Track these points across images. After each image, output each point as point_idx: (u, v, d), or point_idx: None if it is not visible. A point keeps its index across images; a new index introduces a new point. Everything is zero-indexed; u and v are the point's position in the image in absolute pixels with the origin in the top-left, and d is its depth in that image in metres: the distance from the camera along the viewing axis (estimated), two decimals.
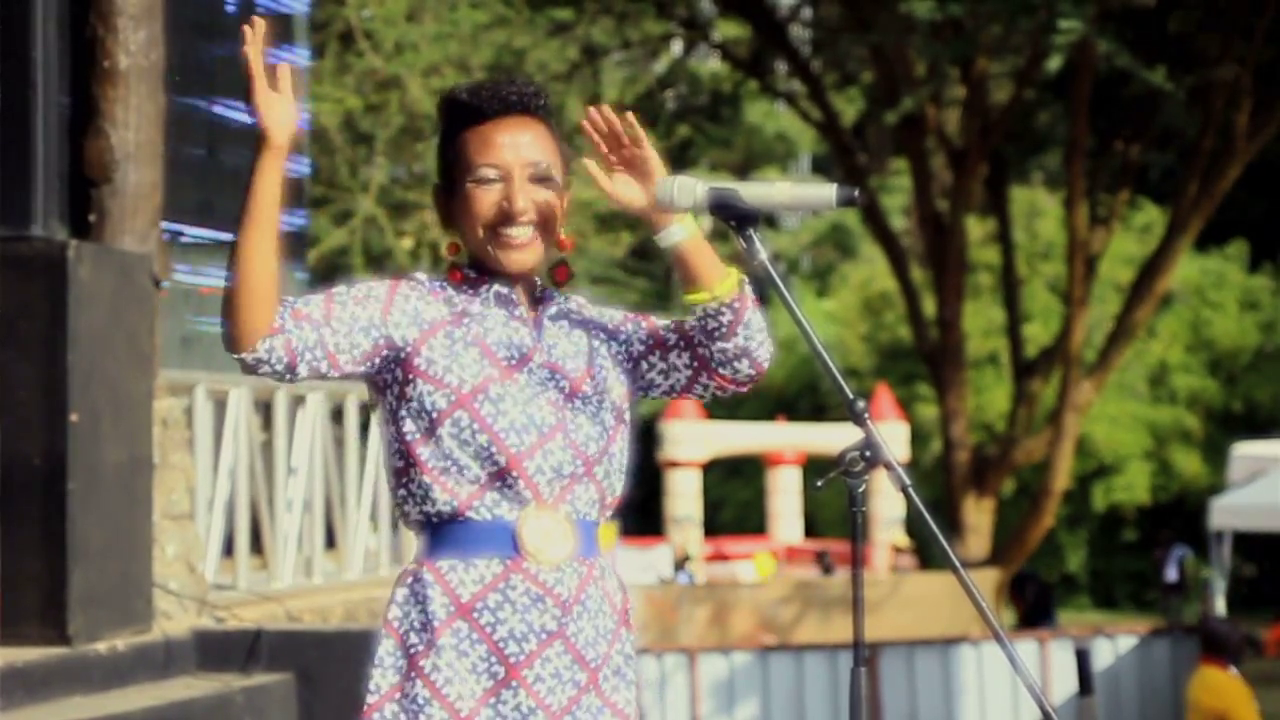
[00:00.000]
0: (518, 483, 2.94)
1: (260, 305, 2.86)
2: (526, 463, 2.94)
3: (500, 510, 2.95)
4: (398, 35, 20.22)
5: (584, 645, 2.97)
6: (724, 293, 2.97)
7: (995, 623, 2.86)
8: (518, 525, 2.95)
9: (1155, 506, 32.23)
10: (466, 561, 2.95)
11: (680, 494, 25.98)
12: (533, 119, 3.07)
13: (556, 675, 2.94)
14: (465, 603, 2.93)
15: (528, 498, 2.95)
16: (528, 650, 2.93)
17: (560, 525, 2.96)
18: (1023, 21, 18.88)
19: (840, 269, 41.39)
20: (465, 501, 2.95)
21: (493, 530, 2.95)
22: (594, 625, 2.99)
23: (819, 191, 3.00)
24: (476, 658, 2.92)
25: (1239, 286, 32.57)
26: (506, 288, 3.04)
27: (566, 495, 2.98)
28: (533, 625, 2.94)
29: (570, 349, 3.05)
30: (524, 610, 2.94)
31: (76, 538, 6.03)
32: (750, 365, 3.03)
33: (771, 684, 16.41)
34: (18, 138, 6.59)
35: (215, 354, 8.37)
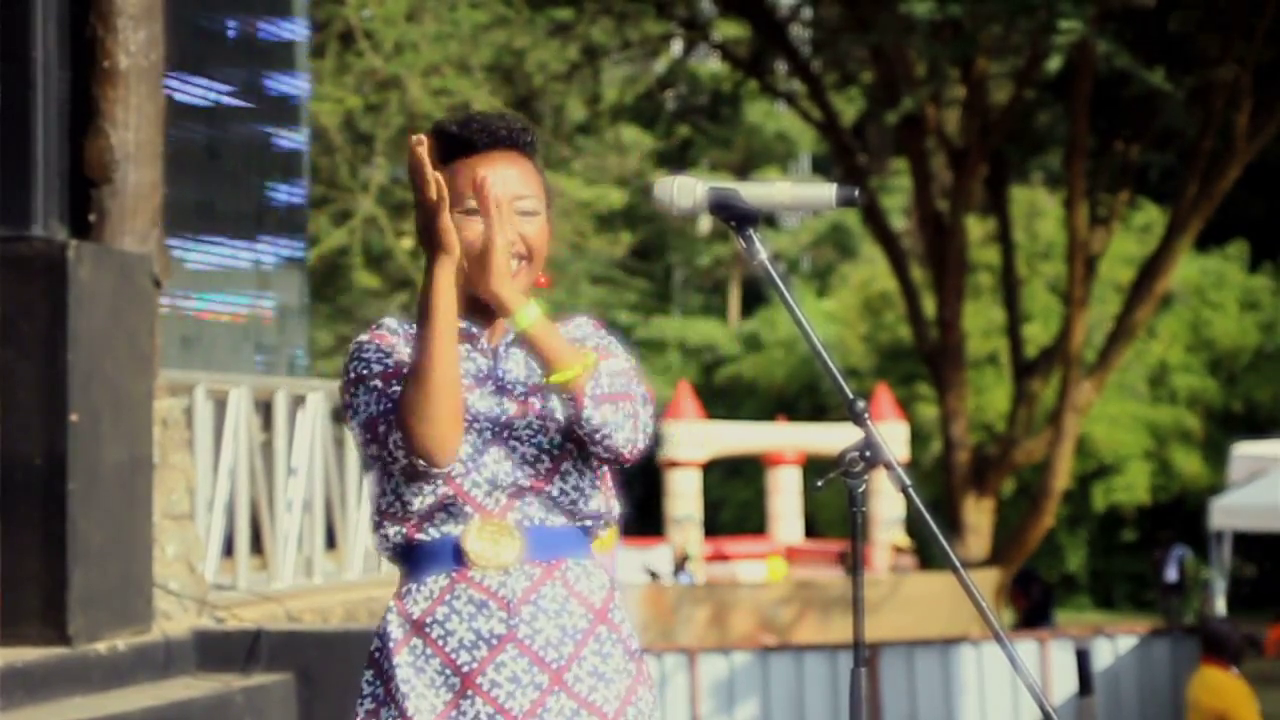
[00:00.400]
0: (456, 500, 2.99)
1: (458, 417, 2.93)
2: (461, 481, 2.99)
3: (447, 527, 3.00)
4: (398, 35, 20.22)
5: (542, 646, 2.97)
6: (560, 382, 2.95)
7: (995, 623, 2.86)
8: (461, 538, 2.99)
9: (1155, 507, 32.23)
10: (419, 582, 3.01)
11: (680, 494, 25.99)
12: (520, 154, 3.09)
13: (514, 679, 2.95)
14: (417, 619, 2.99)
15: (470, 513, 2.99)
16: (479, 657, 2.96)
17: (505, 531, 2.99)
18: (1022, 22, 18.88)
19: (840, 269, 41.39)
20: (414, 527, 3.01)
21: (440, 547, 3.00)
22: (556, 625, 2.99)
23: (819, 191, 3.00)
24: (433, 671, 2.97)
25: (1239, 286, 32.57)
26: (467, 323, 3.06)
27: (513, 504, 3.01)
28: (480, 631, 2.96)
29: (523, 374, 3.07)
30: (470, 618, 2.97)
31: (77, 538, 6.03)
32: (605, 450, 2.98)
33: (771, 684, 16.42)
34: (18, 138, 6.59)
35: (215, 354, 8.38)
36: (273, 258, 9.23)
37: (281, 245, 9.25)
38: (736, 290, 44.61)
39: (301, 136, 9.52)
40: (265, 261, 9.18)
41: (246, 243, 8.93)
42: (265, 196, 9.24)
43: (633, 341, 40.52)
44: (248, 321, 8.96)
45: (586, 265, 36.58)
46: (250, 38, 9.15)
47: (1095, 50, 18.94)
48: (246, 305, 8.96)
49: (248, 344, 8.91)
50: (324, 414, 8.75)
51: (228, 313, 8.77)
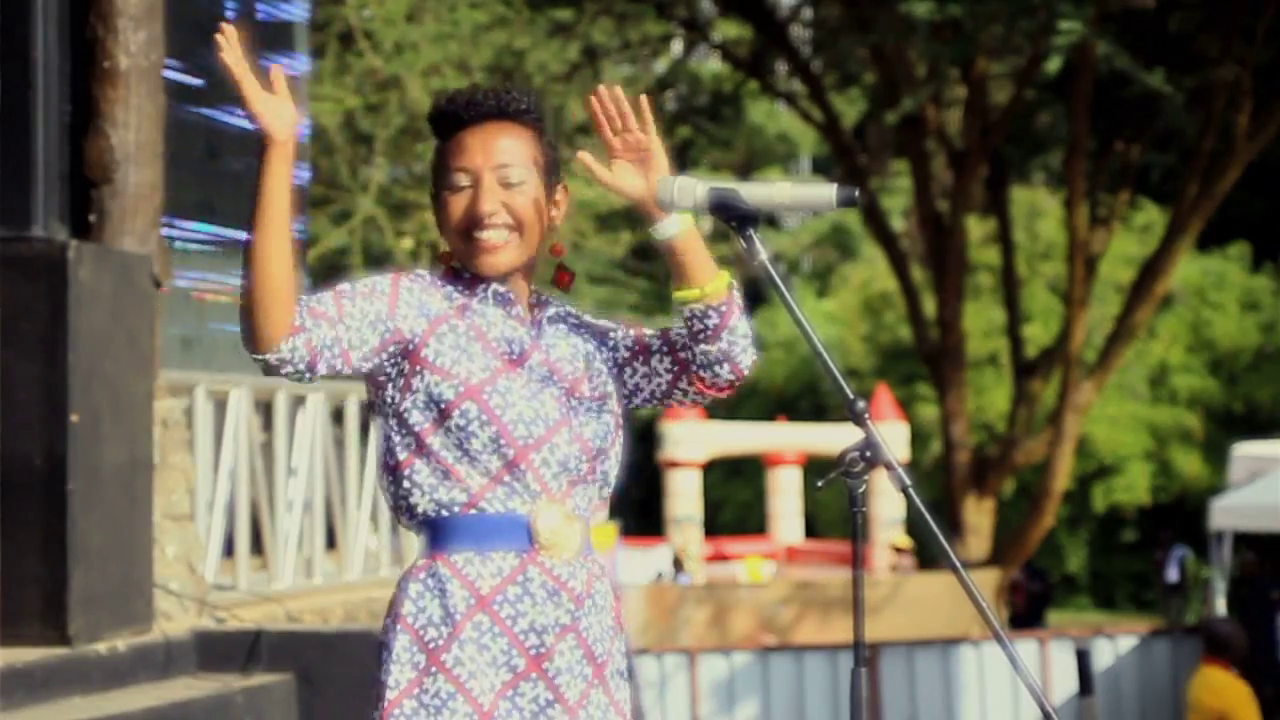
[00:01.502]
0: (525, 475, 2.95)
1: (280, 305, 2.86)
2: (534, 455, 2.95)
3: (513, 504, 2.96)
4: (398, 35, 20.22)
5: (594, 640, 2.99)
6: (712, 293, 2.97)
7: (995, 623, 2.86)
8: (532, 518, 2.96)
9: (1155, 507, 32.23)
10: (482, 554, 2.95)
11: (680, 494, 25.99)
12: (511, 123, 3.06)
13: (571, 669, 2.96)
14: (485, 595, 2.93)
15: (537, 491, 2.96)
16: (548, 643, 2.94)
17: (570, 520, 2.98)
18: (1023, 22, 18.88)
19: (841, 269, 41.40)
20: (477, 494, 2.95)
21: (507, 523, 2.95)
22: (600, 622, 3.01)
23: (819, 192, 3.00)
24: (498, 650, 2.93)
25: (1239, 287, 32.57)
26: (504, 288, 3.05)
27: (571, 492, 3.00)
28: (551, 618, 2.95)
29: (568, 351, 3.06)
30: (542, 603, 2.95)
31: (77, 538, 6.02)
32: (730, 370, 3.02)
33: (772, 684, 16.41)
34: (18, 138, 6.58)
35: (215, 354, 8.37)
36: None
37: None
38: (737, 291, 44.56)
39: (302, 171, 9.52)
40: None
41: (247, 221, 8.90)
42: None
43: None
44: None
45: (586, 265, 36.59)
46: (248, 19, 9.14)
47: (1095, 51, 18.93)
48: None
49: None
50: (324, 414, 8.75)
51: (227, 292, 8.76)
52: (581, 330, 3.12)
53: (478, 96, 3.06)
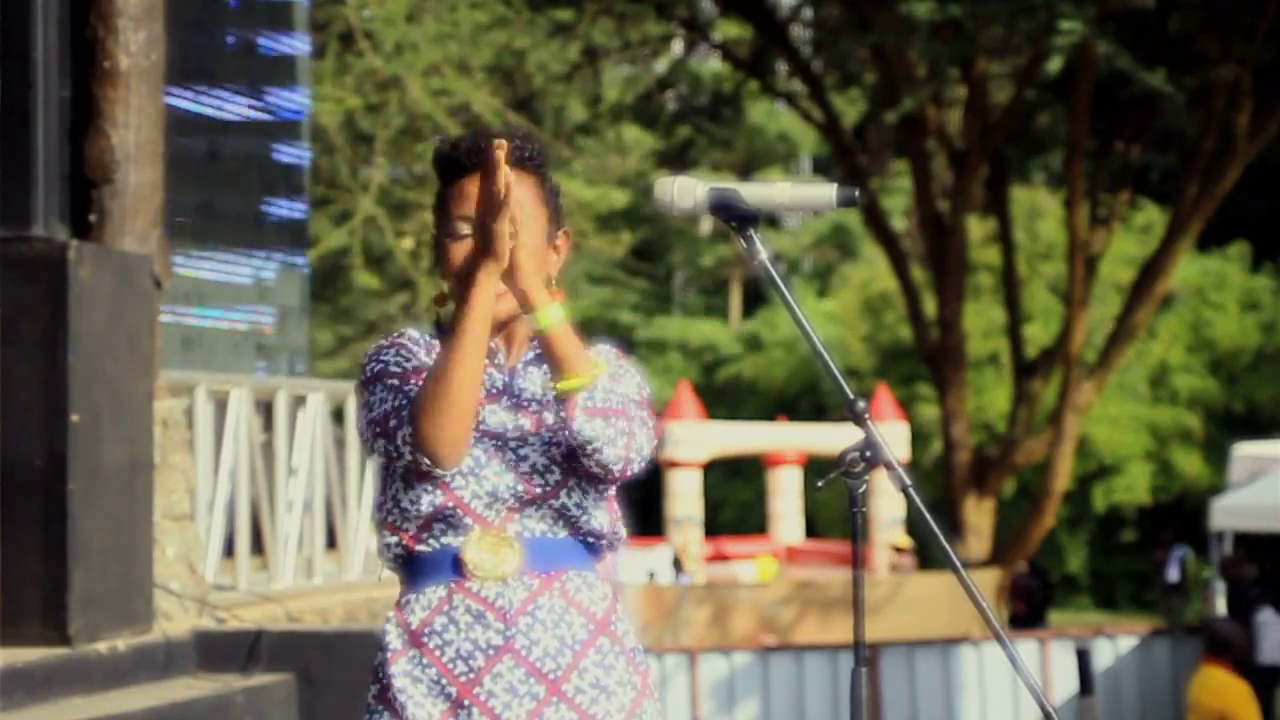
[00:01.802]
0: (456, 512, 2.98)
1: (470, 422, 2.92)
2: (461, 492, 2.98)
3: (447, 539, 3.00)
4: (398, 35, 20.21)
5: (539, 657, 2.96)
6: (561, 390, 2.93)
7: (995, 623, 2.86)
8: (461, 549, 2.99)
9: (1156, 507, 32.24)
10: (418, 592, 3.01)
11: (681, 494, 25.99)
12: (513, 171, 3.01)
13: (511, 690, 2.94)
14: (415, 629, 2.99)
15: (470, 524, 2.99)
16: (476, 667, 2.95)
17: (505, 542, 2.99)
18: (1023, 22, 18.88)
19: (841, 269, 41.40)
20: (413, 537, 3.01)
21: (439, 558, 3.00)
22: (554, 636, 2.98)
23: (819, 192, 3.00)
24: (429, 681, 2.97)
25: (1240, 287, 32.58)
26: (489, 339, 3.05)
27: (514, 517, 3.00)
28: (478, 642, 2.96)
29: (539, 391, 3.06)
30: (467, 628, 2.96)
31: (77, 538, 6.02)
32: (595, 464, 2.95)
33: (772, 684, 16.41)
34: (18, 138, 6.58)
35: (215, 354, 8.38)
36: (273, 271, 9.23)
37: (282, 259, 9.25)
38: (737, 291, 44.62)
39: (302, 150, 9.52)
40: (265, 275, 9.18)
41: (247, 256, 8.93)
42: (266, 210, 9.25)
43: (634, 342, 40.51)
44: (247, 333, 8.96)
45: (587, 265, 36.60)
46: (250, 52, 9.14)
47: (1096, 51, 18.94)
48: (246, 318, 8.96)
49: (248, 345, 8.91)
50: (324, 414, 8.75)
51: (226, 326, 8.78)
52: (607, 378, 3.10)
53: (481, 144, 3.03)
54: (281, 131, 9.31)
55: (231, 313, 8.82)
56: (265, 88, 9.16)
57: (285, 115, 9.41)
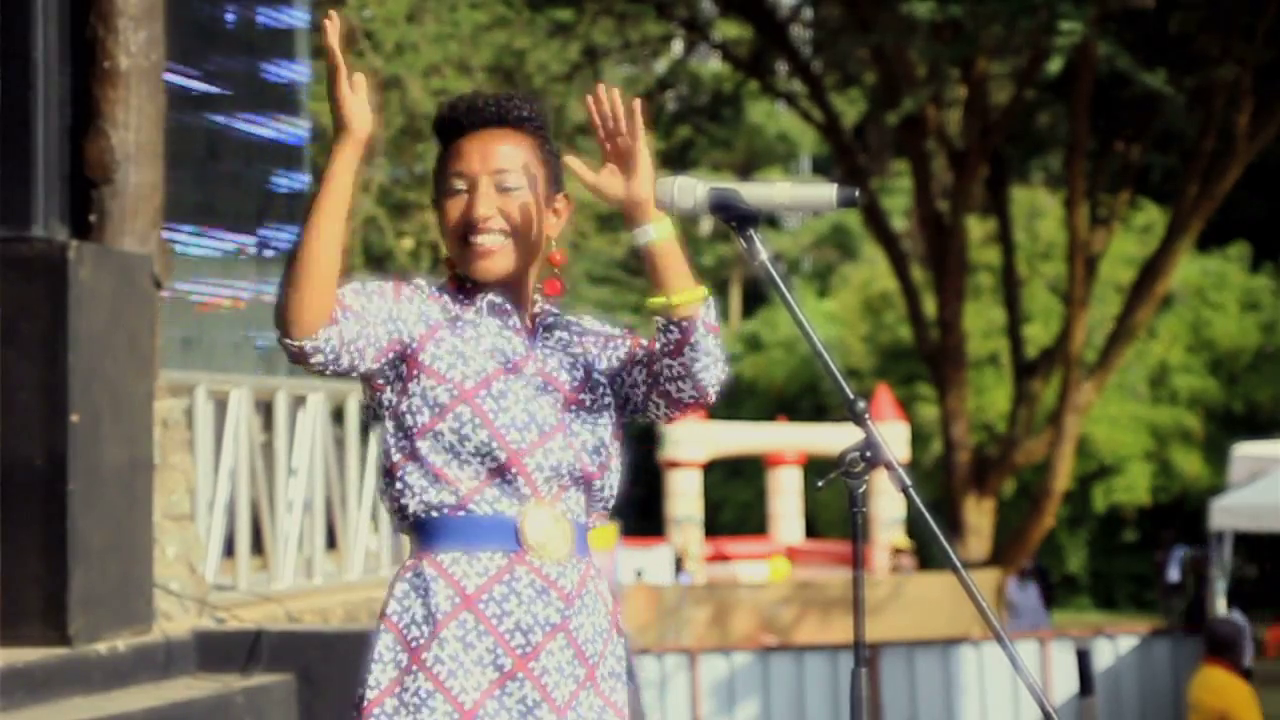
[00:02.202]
0: (517, 479, 2.96)
1: (324, 293, 2.88)
2: (526, 460, 2.96)
3: (501, 505, 2.96)
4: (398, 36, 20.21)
5: (584, 641, 2.98)
6: (679, 304, 2.95)
7: (995, 623, 2.86)
8: (520, 520, 2.96)
9: (1156, 507, 32.23)
10: (470, 554, 2.96)
11: (681, 494, 25.98)
12: (511, 130, 3.07)
13: (560, 669, 2.95)
14: (471, 594, 2.94)
15: (527, 494, 2.97)
16: (534, 642, 2.94)
17: (560, 522, 2.98)
18: (1023, 22, 18.87)
19: (841, 270, 41.40)
20: (467, 495, 2.96)
21: (495, 524, 2.96)
22: (593, 623, 3.01)
23: (819, 192, 3.00)
24: (483, 649, 2.93)
25: (1240, 287, 32.57)
26: (500, 298, 3.05)
27: (562, 495, 3.00)
28: (538, 617, 2.95)
29: (565, 361, 3.07)
30: (529, 602, 2.95)
31: (77, 538, 6.02)
32: (692, 388, 2.98)
33: (772, 684, 16.41)
34: (18, 138, 6.58)
35: (216, 355, 8.38)
36: (275, 246, 9.22)
37: (284, 233, 9.23)
38: (737, 291, 44.62)
39: (303, 124, 9.50)
40: (267, 250, 9.17)
41: (248, 229, 8.91)
42: (267, 184, 9.23)
43: None
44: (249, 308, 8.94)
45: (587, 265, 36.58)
46: (249, 25, 9.13)
47: (1096, 51, 18.94)
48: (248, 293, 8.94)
49: (248, 344, 8.91)
50: (324, 414, 8.75)
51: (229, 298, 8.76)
52: (583, 340, 3.13)
53: (479, 103, 3.07)
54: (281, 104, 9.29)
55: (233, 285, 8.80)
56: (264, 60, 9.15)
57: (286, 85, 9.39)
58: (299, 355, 2.90)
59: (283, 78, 9.39)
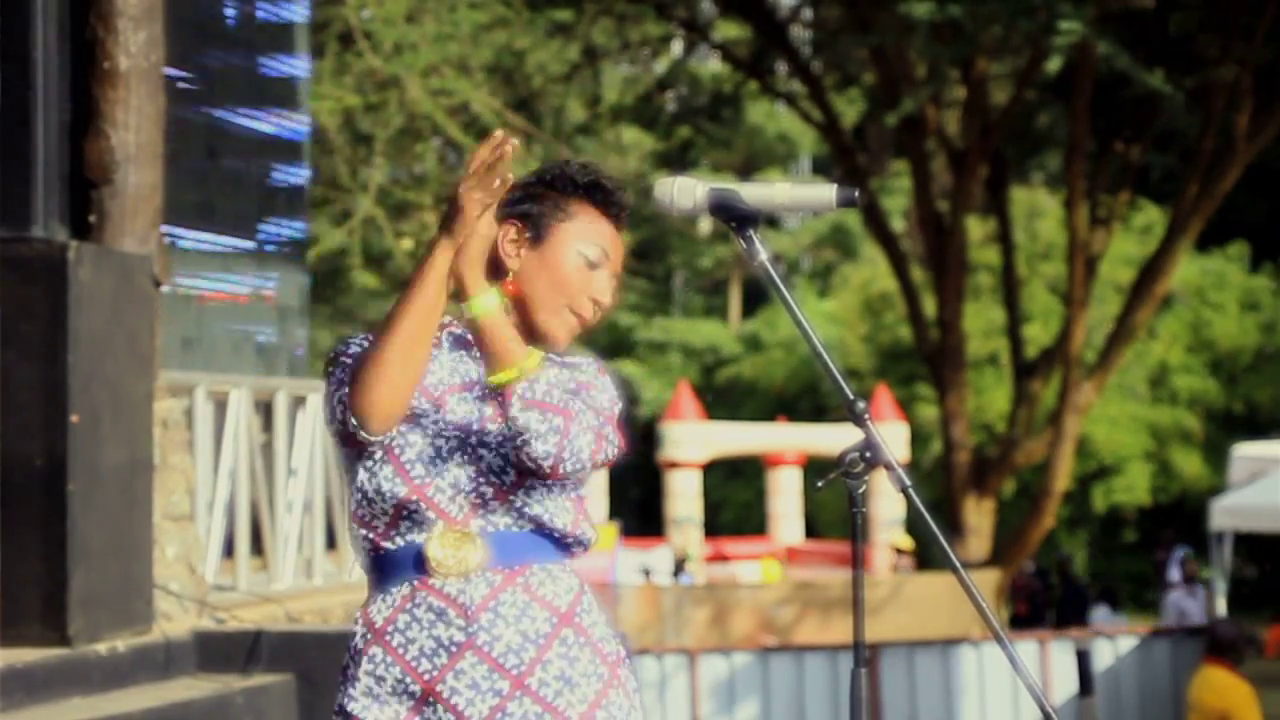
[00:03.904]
0: (420, 507, 2.98)
1: (407, 396, 2.93)
2: (425, 485, 2.99)
3: (411, 535, 3.01)
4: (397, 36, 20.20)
5: (501, 653, 2.96)
6: (492, 383, 2.94)
7: (995, 623, 2.86)
8: (425, 545, 2.99)
9: (1156, 507, 32.23)
10: (384, 591, 3.03)
11: (680, 495, 26.00)
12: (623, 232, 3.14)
13: (474, 686, 2.95)
14: (379, 628, 3.01)
15: (433, 519, 2.99)
16: (439, 665, 2.96)
17: (467, 538, 2.98)
18: (1022, 23, 18.87)
19: (841, 270, 41.42)
20: (381, 534, 3.02)
21: (404, 555, 3.01)
22: (516, 631, 2.98)
23: (819, 192, 3.00)
24: (393, 680, 2.99)
25: (1239, 287, 32.57)
26: (460, 330, 3.07)
27: (477, 511, 3.00)
28: (440, 639, 2.97)
29: None
30: (429, 625, 2.97)
31: (77, 539, 6.02)
32: (526, 458, 2.93)
33: (772, 685, 16.40)
34: (18, 139, 6.58)
35: (215, 355, 8.38)
36: (274, 240, 9.21)
37: (283, 227, 9.23)
38: (737, 291, 44.62)
39: (303, 119, 9.50)
40: (267, 244, 9.17)
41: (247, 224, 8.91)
42: (266, 179, 9.23)
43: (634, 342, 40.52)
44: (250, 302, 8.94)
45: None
46: (249, 20, 9.13)
47: (1095, 51, 18.94)
48: (248, 286, 8.94)
49: (248, 345, 8.91)
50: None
51: (229, 293, 8.76)
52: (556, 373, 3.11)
53: (623, 198, 3.11)
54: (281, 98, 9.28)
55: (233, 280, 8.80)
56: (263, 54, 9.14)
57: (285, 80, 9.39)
58: (357, 442, 2.96)
59: (282, 73, 9.38)
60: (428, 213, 22.11)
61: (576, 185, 3.08)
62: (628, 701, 3.05)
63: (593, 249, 3.06)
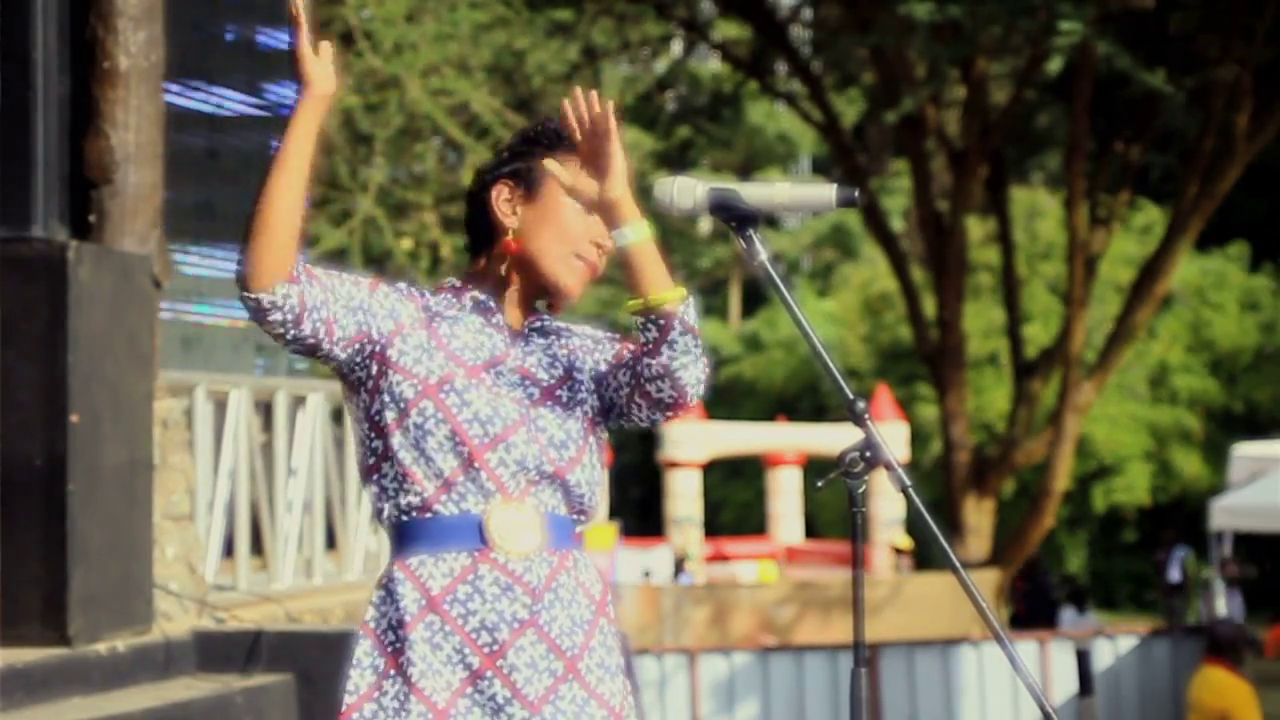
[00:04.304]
0: (480, 475, 2.97)
1: (282, 246, 2.90)
2: (489, 455, 2.97)
3: (467, 504, 2.98)
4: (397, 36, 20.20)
5: (559, 634, 2.98)
6: (656, 303, 2.94)
7: (995, 623, 2.86)
8: (484, 518, 2.97)
9: (1156, 507, 32.24)
10: (436, 555, 2.98)
11: (680, 494, 25.99)
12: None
13: (532, 664, 2.95)
14: (435, 595, 2.96)
15: (492, 490, 2.97)
16: (500, 639, 2.95)
17: (527, 517, 2.98)
18: (1023, 23, 18.88)
19: (841, 270, 41.42)
20: (433, 495, 2.98)
21: (460, 524, 2.97)
22: (568, 615, 3.00)
23: (819, 192, 3.00)
24: (450, 649, 2.95)
25: (1239, 287, 32.58)
26: (485, 296, 3.07)
27: (532, 489, 3.00)
28: (504, 614, 2.95)
29: (545, 360, 3.08)
30: (494, 600, 2.96)
31: (77, 539, 6.02)
32: (671, 388, 2.96)
33: (772, 685, 16.40)
34: (18, 138, 6.58)
35: (215, 355, 8.37)
36: None
37: None
38: (737, 291, 44.62)
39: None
40: None
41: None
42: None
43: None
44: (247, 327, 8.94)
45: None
46: (249, 45, 9.13)
47: (1095, 51, 18.94)
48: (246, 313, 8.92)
49: (248, 345, 8.90)
50: (324, 415, 8.75)
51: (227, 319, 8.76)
52: (569, 342, 3.13)
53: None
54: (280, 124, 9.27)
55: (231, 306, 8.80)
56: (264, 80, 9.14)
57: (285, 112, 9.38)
58: (257, 310, 2.91)
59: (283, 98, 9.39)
60: (427, 213, 22.12)
61: (560, 137, 3.09)
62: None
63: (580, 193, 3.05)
